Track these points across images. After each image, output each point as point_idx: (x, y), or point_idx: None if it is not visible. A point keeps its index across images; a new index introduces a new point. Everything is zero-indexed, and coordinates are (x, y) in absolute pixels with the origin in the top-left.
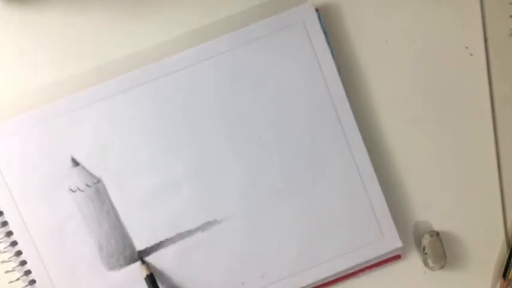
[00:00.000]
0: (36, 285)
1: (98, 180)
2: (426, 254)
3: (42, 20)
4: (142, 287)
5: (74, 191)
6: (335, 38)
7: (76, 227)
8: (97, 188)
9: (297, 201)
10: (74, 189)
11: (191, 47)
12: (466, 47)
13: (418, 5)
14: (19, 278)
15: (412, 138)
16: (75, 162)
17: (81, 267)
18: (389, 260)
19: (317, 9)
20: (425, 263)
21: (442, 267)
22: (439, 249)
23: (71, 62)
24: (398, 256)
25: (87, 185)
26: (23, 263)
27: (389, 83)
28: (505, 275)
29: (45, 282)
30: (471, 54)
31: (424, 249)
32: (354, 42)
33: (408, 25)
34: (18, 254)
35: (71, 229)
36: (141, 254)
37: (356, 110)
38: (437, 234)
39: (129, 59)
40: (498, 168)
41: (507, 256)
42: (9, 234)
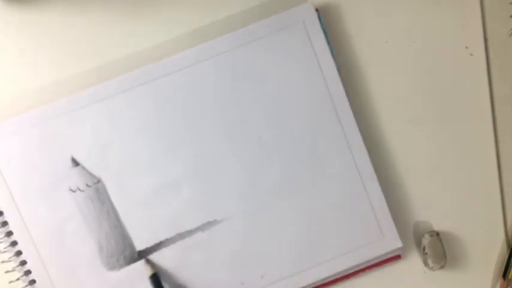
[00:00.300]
0: (36, 285)
1: (98, 180)
2: (426, 254)
3: (42, 20)
4: (143, 287)
5: (74, 191)
6: (335, 38)
7: (76, 227)
8: (97, 188)
9: (297, 201)
10: (74, 189)
11: (191, 47)
12: (466, 47)
13: (418, 5)
14: (19, 278)
15: (412, 138)
16: (75, 162)
17: (81, 267)
18: (389, 260)
19: (317, 9)
20: (425, 263)
21: (442, 267)
22: (439, 249)
23: (71, 62)
24: (398, 256)
25: (87, 185)
26: (23, 263)
27: (389, 83)
28: (505, 275)
29: (45, 282)
30: (471, 54)
31: (424, 249)
32: (354, 42)
33: (408, 25)
34: (18, 254)
35: (71, 229)
36: (141, 254)
37: (356, 110)
38: (437, 234)
39: (129, 59)
40: (498, 168)
41: (507, 256)
42: (9, 234)
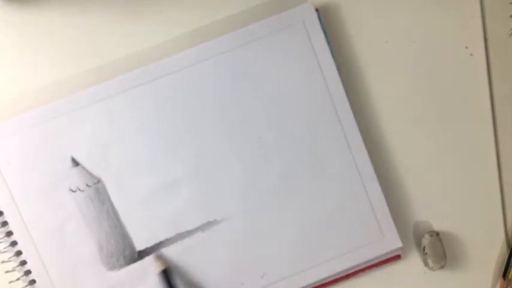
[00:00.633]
0: (36, 285)
1: (98, 180)
2: (426, 254)
3: (42, 20)
4: (143, 287)
5: (74, 191)
6: (335, 38)
7: (76, 227)
8: (97, 188)
9: (297, 201)
10: (74, 189)
11: (191, 47)
12: (466, 47)
13: (418, 5)
14: (19, 278)
15: (412, 138)
16: (75, 162)
17: (81, 267)
18: (389, 260)
19: (317, 9)
20: (425, 263)
21: (442, 267)
22: (439, 249)
23: (71, 62)
24: (398, 256)
25: (87, 185)
26: (23, 263)
27: (389, 83)
28: (505, 275)
29: (45, 282)
30: (471, 54)
31: (424, 249)
32: (354, 42)
33: (408, 25)
34: (18, 254)
35: (71, 229)
36: (141, 254)
37: (356, 110)
38: (437, 234)
39: (129, 59)
40: (498, 168)
41: (507, 256)
42: (9, 234)
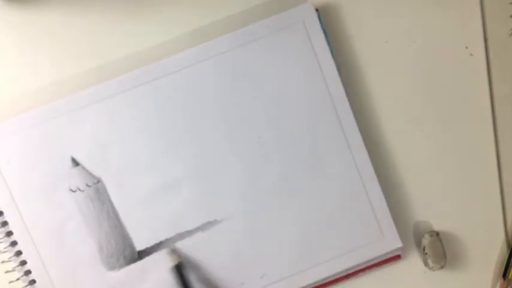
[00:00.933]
0: (36, 285)
1: (98, 180)
2: (426, 254)
3: (42, 20)
4: (143, 287)
5: (74, 191)
6: (335, 38)
7: (76, 227)
8: (97, 188)
9: (297, 201)
10: (74, 189)
11: (191, 47)
12: (466, 47)
13: (418, 5)
14: (19, 278)
15: (412, 138)
16: (75, 162)
17: (81, 267)
18: (389, 260)
19: (317, 9)
20: (425, 263)
21: (442, 267)
22: (439, 249)
23: (71, 62)
24: (398, 256)
25: (87, 185)
26: (23, 263)
27: (390, 83)
28: (505, 275)
29: (45, 282)
30: (471, 54)
31: (424, 249)
32: (354, 42)
33: (408, 25)
34: (18, 254)
35: (71, 229)
36: (141, 254)
37: (356, 110)
38: (437, 234)
39: (129, 59)
40: (498, 168)
41: (507, 256)
42: (9, 234)
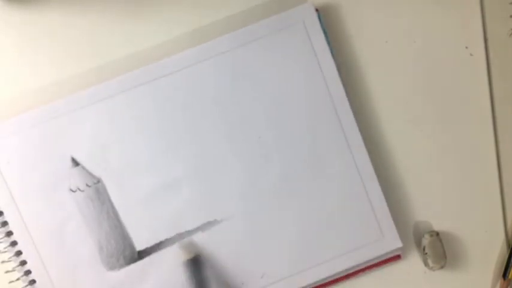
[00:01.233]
0: (36, 285)
1: (98, 180)
2: (426, 254)
3: (42, 20)
4: (143, 287)
5: (74, 191)
6: (335, 38)
7: (76, 227)
8: (97, 188)
9: (297, 201)
10: (74, 189)
11: (191, 47)
12: (466, 47)
13: (418, 5)
14: (19, 278)
15: (412, 138)
16: (75, 162)
17: (81, 267)
18: (389, 260)
19: (317, 9)
20: (425, 263)
21: (442, 267)
22: (439, 249)
23: (71, 62)
24: (398, 256)
25: (87, 185)
26: (23, 263)
27: (390, 83)
28: (505, 275)
29: (45, 282)
30: (471, 54)
31: (424, 249)
32: (354, 42)
33: (408, 25)
34: (18, 254)
35: (71, 229)
36: (141, 254)
37: (356, 110)
38: (437, 234)
39: (129, 59)
40: (498, 168)
41: (507, 256)
42: (9, 234)
